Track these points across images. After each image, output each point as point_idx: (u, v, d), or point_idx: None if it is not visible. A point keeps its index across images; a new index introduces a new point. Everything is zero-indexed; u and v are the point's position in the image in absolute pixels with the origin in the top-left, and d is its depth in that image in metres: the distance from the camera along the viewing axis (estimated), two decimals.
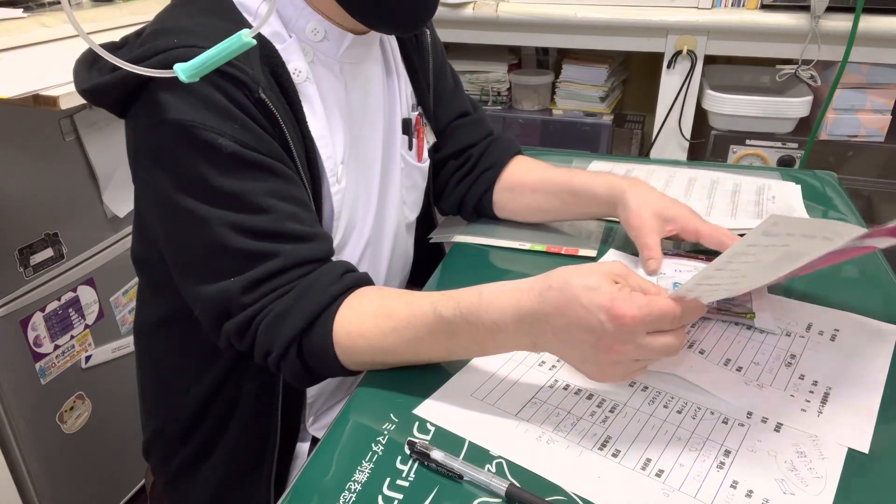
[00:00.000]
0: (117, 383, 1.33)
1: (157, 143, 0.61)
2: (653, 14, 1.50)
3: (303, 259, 0.63)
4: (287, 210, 0.63)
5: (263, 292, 0.62)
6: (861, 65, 1.44)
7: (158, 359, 0.81)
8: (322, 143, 0.70)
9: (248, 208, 0.61)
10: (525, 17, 1.58)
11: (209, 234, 0.61)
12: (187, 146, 0.59)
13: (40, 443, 1.19)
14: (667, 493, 0.50)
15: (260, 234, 0.62)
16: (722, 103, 1.53)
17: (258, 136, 0.62)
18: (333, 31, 0.70)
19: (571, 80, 1.74)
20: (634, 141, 1.93)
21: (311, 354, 0.63)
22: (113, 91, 0.61)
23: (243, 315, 0.62)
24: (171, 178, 0.61)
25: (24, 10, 1.27)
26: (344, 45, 0.71)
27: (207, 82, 0.59)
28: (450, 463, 0.52)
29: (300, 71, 0.68)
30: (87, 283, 1.25)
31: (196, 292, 0.64)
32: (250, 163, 0.61)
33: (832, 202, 0.99)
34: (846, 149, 1.51)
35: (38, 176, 1.14)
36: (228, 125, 0.60)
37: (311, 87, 0.69)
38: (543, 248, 0.86)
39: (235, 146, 0.60)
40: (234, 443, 0.76)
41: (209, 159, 0.60)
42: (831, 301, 0.73)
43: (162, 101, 0.59)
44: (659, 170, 1.08)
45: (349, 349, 0.62)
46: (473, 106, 0.95)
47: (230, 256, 0.62)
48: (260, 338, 0.63)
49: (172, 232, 0.64)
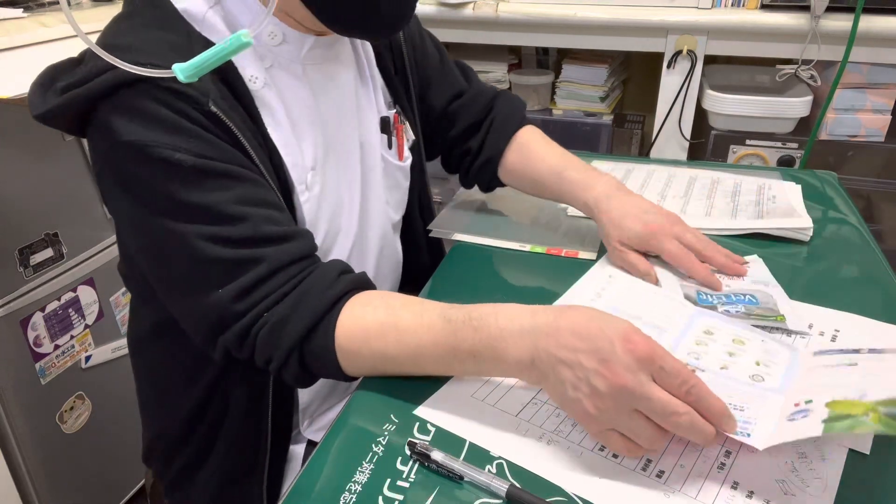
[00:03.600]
0: (117, 383, 1.33)
1: (117, 165, 0.60)
2: (653, 14, 1.50)
3: (288, 259, 0.62)
4: (260, 214, 0.62)
5: (256, 300, 0.61)
6: (861, 65, 1.44)
7: (152, 367, 0.81)
8: (286, 151, 0.68)
9: (221, 219, 0.60)
10: (525, 17, 1.57)
11: (188, 249, 0.60)
12: (146, 166, 0.58)
13: (40, 443, 1.19)
14: (667, 495, 0.50)
15: (239, 242, 0.60)
16: (722, 103, 1.53)
17: (215, 145, 0.61)
18: (292, 34, 0.68)
19: (571, 80, 1.74)
20: (634, 141, 1.93)
21: (313, 359, 0.62)
22: (63, 116, 0.60)
23: (240, 325, 0.61)
24: (139, 201, 0.60)
25: (24, 10, 1.27)
26: (305, 47, 0.69)
27: (153, 100, 0.58)
28: (450, 464, 0.52)
29: (257, 77, 0.66)
30: (87, 283, 1.25)
31: (186, 308, 0.64)
32: (212, 173, 0.60)
33: (832, 202, 0.99)
34: (846, 149, 1.51)
35: (38, 176, 1.14)
36: (182, 139, 0.58)
37: (269, 94, 0.67)
38: (543, 249, 0.86)
39: (194, 159, 0.59)
40: (228, 447, 0.76)
41: (170, 176, 0.58)
42: (832, 302, 0.73)
43: (112, 125, 0.58)
44: (659, 170, 1.08)
45: (352, 355, 0.61)
46: (466, 77, 0.94)
47: (214, 268, 0.60)
48: (260, 346, 0.62)
49: (151, 253, 0.63)
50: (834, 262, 0.82)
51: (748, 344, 0.64)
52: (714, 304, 0.72)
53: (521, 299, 0.74)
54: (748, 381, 0.59)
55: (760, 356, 0.63)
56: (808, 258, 0.83)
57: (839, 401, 0.50)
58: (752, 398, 0.57)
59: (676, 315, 0.69)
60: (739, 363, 0.62)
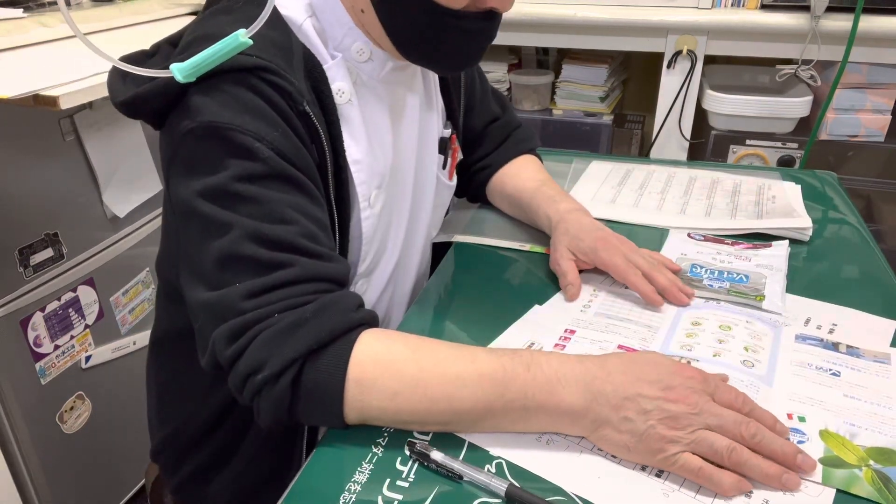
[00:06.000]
0: (117, 383, 1.33)
1: (193, 145, 0.58)
2: (653, 14, 1.50)
3: (321, 275, 0.58)
4: (308, 227, 0.59)
5: (270, 300, 0.55)
6: (861, 65, 1.44)
7: (176, 367, 0.79)
8: (357, 169, 0.68)
9: (269, 217, 0.57)
10: (525, 17, 1.57)
11: (223, 240, 0.57)
12: (221, 147, 0.57)
13: (40, 443, 1.19)
14: (667, 494, 0.50)
15: (276, 245, 0.57)
16: (722, 103, 1.53)
17: (296, 147, 0.60)
18: (378, 53, 0.69)
19: (571, 80, 1.74)
20: (634, 141, 1.93)
21: (313, 382, 0.54)
22: (153, 101, 0.59)
23: (239, 320, 0.55)
24: (198, 182, 0.58)
25: (24, 10, 1.27)
26: (387, 67, 0.70)
27: (248, 88, 0.57)
28: (449, 463, 0.52)
29: (343, 92, 0.66)
30: (87, 283, 1.25)
31: (197, 300, 0.59)
32: (280, 173, 0.58)
33: (832, 202, 0.99)
34: (846, 149, 1.51)
35: (38, 176, 1.14)
36: (268, 131, 0.58)
37: (352, 111, 0.67)
38: (542, 249, 0.86)
39: (270, 153, 0.57)
40: (253, 454, 0.75)
41: (240, 163, 0.57)
42: (832, 301, 0.73)
43: (200, 105, 0.57)
44: (659, 170, 1.08)
45: (365, 386, 0.54)
46: (502, 106, 0.98)
47: (241, 265, 0.56)
48: (254, 349, 0.54)
49: (188, 237, 0.61)
50: (834, 262, 0.82)
51: (735, 329, 0.68)
52: (701, 276, 0.78)
53: (521, 299, 0.75)
54: (741, 367, 0.63)
55: (748, 341, 0.67)
56: (807, 258, 0.83)
57: (832, 434, 0.54)
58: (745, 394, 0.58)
59: (664, 313, 0.72)
60: (730, 350, 0.65)
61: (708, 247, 0.85)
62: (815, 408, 0.58)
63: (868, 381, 0.61)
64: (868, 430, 0.55)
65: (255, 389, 0.54)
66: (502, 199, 0.95)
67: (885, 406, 0.58)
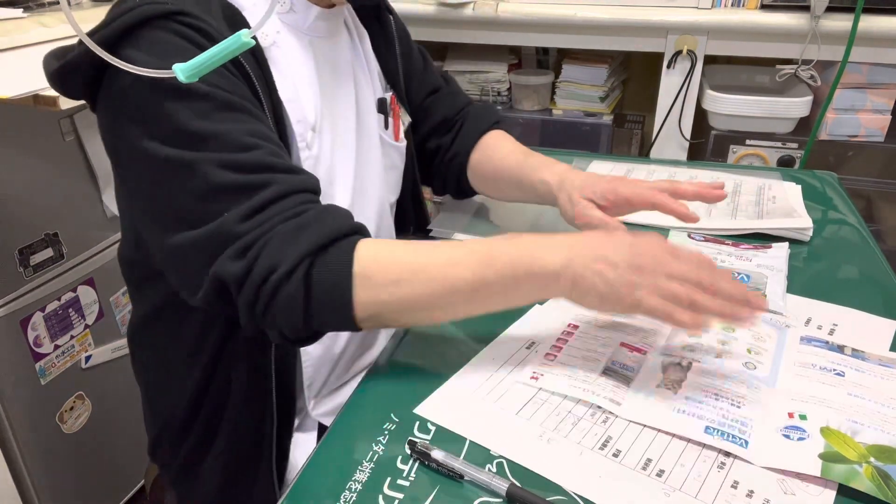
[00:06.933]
0: (117, 383, 1.33)
1: (132, 101, 0.60)
2: (653, 14, 1.50)
3: (300, 187, 0.61)
4: (271, 147, 0.62)
5: (265, 217, 0.59)
6: (861, 65, 1.44)
7: (150, 356, 0.81)
8: (291, 107, 0.69)
9: (233, 146, 0.59)
10: (525, 17, 1.58)
11: (195, 177, 0.59)
12: (161, 95, 0.59)
13: (40, 443, 1.19)
14: (667, 494, 0.50)
15: (248, 168, 0.59)
16: (722, 103, 1.53)
17: (230, 80, 0.62)
18: (299, 4, 0.71)
19: (571, 80, 1.74)
20: (634, 141, 1.94)
21: (324, 277, 0.58)
22: (84, 65, 0.60)
23: (241, 242, 0.58)
24: (150, 133, 0.60)
25: (24, 10, 1.27)
26: (311, 17, 0.72)
27: (171, 32, 0.59)
28: (450, 463, 0.52)
29: (267, 34, 0.68)
30: (87, 283, 1.25)
31: (175, 242, 0.60)
32: (227, 104, 0.60)
33: (832, 202, 0.99)
34: (846, 149, 1.51)
35: (38, 176, 1.14)
36: None
37: (277, 52, 0.69)
38: None
39: (209, 88, 0.59)
40: (232, 431, 0.76)
41: (185, 104, 0.59)
42: (832, 301, 0.73)
43: (130, 59, 0.57)
44: (659, 170, 1.08)
45: (372, 277, 0.59)
46: (445, 80, 0.97)
47: (222, 194, 0.59)
48: (265, 257, 0.58)
49: (155, 187, 0.61)
50: (834, 262, 0.83)
51: (738, 330, 0.68)
52: None
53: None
54: (742, 368, 0.63)
55: (751, 343, 0.66)
56: (808, 258, 0.83)
57: (833, 430, 0.54)
58: (747, 395, 0.59)
59: None
60: (732, 351, 0.65)
61: (709, 247, 0.85)
62: (818, 406, 0.57)
63: (873, 383, 0.60)
64: (871, 429, 0.54)
65: (271, 291, 0.58)
66: (485, 182, 0.93)
67: (890, 406, 0.57)
